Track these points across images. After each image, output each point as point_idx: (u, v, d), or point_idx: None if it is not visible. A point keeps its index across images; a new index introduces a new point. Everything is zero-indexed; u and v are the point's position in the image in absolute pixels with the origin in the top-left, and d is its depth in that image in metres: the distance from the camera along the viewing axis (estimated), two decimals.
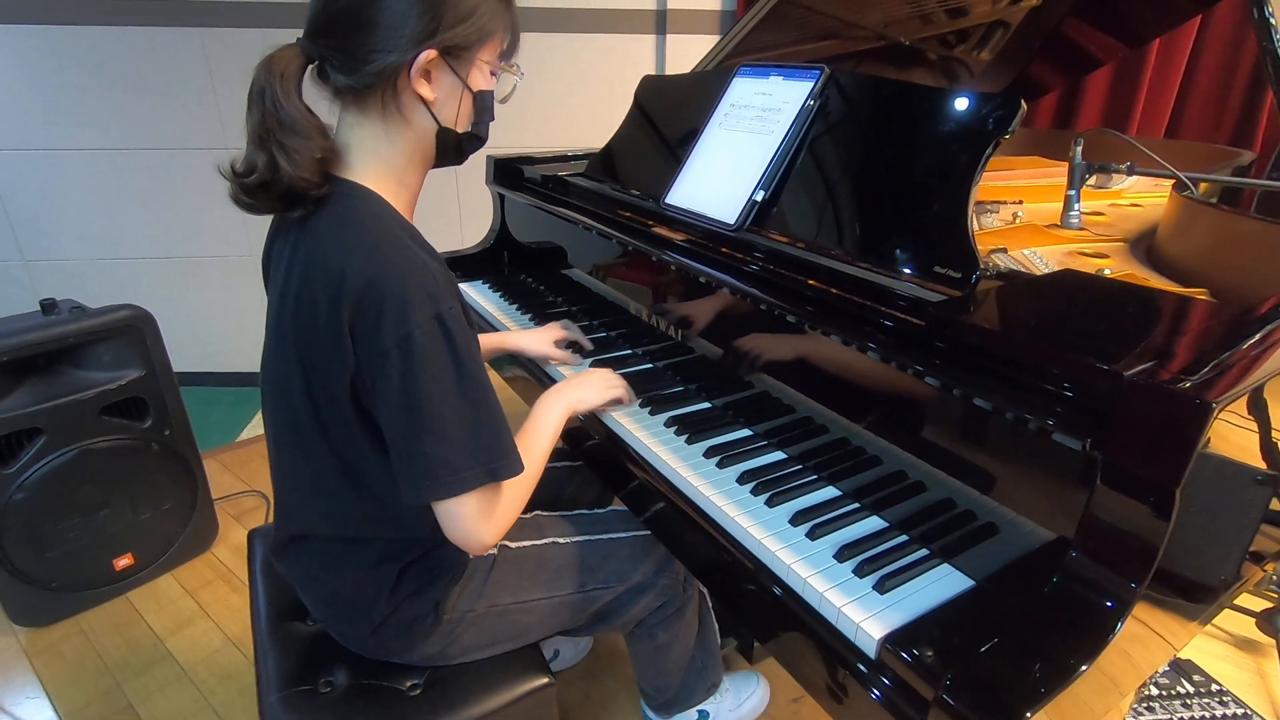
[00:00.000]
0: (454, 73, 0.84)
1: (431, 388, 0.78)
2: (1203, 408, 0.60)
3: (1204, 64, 2.34)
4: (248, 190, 0.80)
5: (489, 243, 1.85)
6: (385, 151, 0.86)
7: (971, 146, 0.92)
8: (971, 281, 0.85)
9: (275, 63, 0.79)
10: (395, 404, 0.79)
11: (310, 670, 1.01)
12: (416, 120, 0.85)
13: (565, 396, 1.09)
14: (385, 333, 0.77)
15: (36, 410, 1.54)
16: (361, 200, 0.83)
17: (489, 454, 0.83)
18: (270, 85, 0.78)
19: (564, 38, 2.54)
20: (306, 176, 0.79)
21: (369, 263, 0.78)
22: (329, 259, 0.79)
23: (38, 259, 2.61)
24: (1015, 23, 1.78)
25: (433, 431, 0.79)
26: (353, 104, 0.84)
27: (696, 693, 1.32)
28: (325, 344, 0.80)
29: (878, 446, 0.92)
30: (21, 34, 2.32)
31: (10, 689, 1.54)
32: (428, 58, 0.80)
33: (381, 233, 0.81)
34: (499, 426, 0.84)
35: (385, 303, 0.76)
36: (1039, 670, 0.62)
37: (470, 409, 0.81)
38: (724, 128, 1.25)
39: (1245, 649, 1.66)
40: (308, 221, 0.83)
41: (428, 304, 0.77)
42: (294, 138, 0.78)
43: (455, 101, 0.86)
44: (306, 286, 0.81)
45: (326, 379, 0.82)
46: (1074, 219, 1.30)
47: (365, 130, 0.85)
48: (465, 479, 0.81)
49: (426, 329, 0.77)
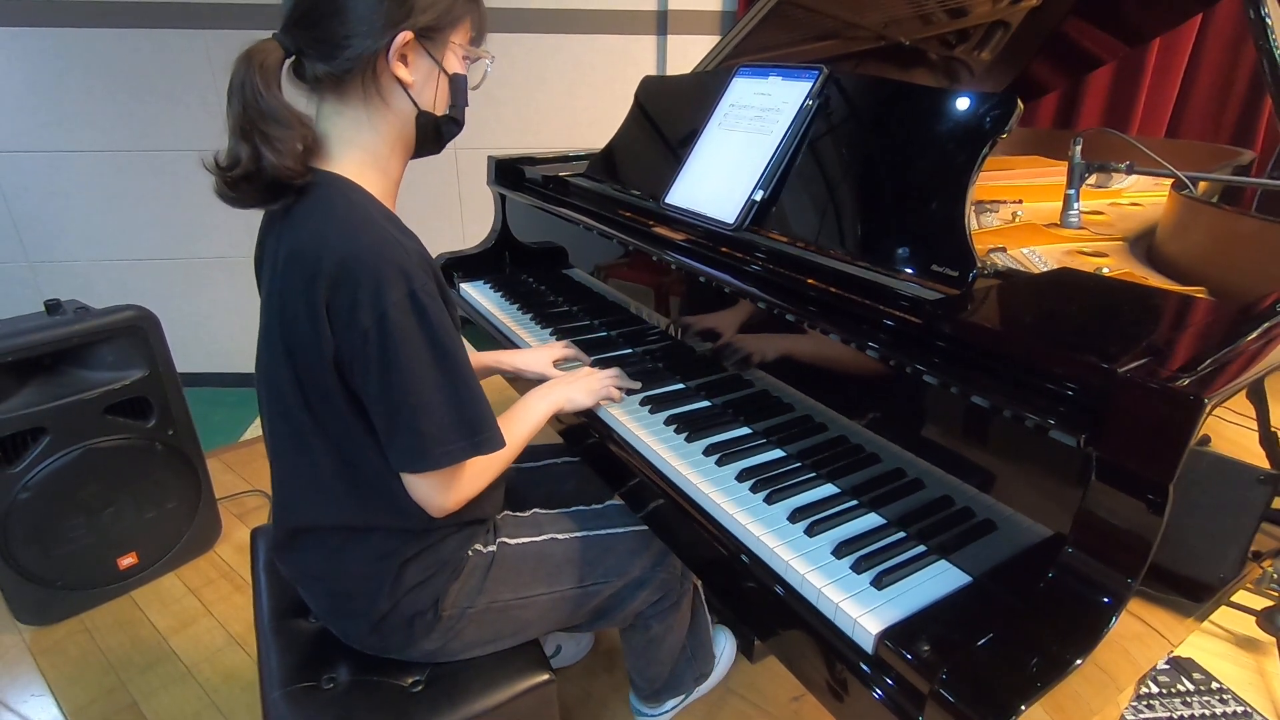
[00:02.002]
0: (429, 55, 0.87)
1: (409, 364, 0.80)
2: (1195, 404, 0.61)
3: (1204, 63, 2.34)
4: (231, 183, 0.81)
5: (490, 243, 1.85)
6: (367, 139, 0.88)
7: (969, 146, 0.92)
8: (969, 280, 0.86)
9: (254, 55, 0.80)
10: (376, 381, 0.81)
11: (313, 667, 1.01)
12: (396, 104, 0.87)
13: (555, 393, 1.11)
14: (362, 312, 0.78)
15: (41, 410, 1.55)
16: (339, 189, 0.85)
17: (471, 428, 0.85)
18: (250, 77, 0.79)
19: (565, 39, 2.54)
20: (290, 165, 0.80)
21: (342, 244, 0.79)
22: (306, 245, 0.81)
23: (42, 260, 2.63)
24: (1016, 23, 1.78)
25: (415, 408, 0.81)
26: (332, 93, 0.86)
27: (685, 681, 1.35)
28: (306, 328, 0.82)
29: (876, 444, 0.93)
30: (26, 37, 2.34)
31: (15, 687, 1.55)
32: (404, 39, 0.83)
33: (354, 214, 0.83)
34: (478, 401, 0.86)
35: (360, 282, 0.78)
36: (1034, 664, 0.63)
37: (449, 384, 0.83)
38: (723, 128, 1.26)
39: (1245, 647, 1.66)
40: (289, 212, 0.85)
41: (401, 281, 0.79)
42: (276, 127, 0.79)
43: (432, 84, 0.89)
44: (288, 276, 0.83)
45: (311, 365, 0.84)
46: (1073, 218, 1.30)
47: (346, 118, 0.87)
48: (451, 452, 0.84)
49: (401, 306, 0.79)
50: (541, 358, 1.32)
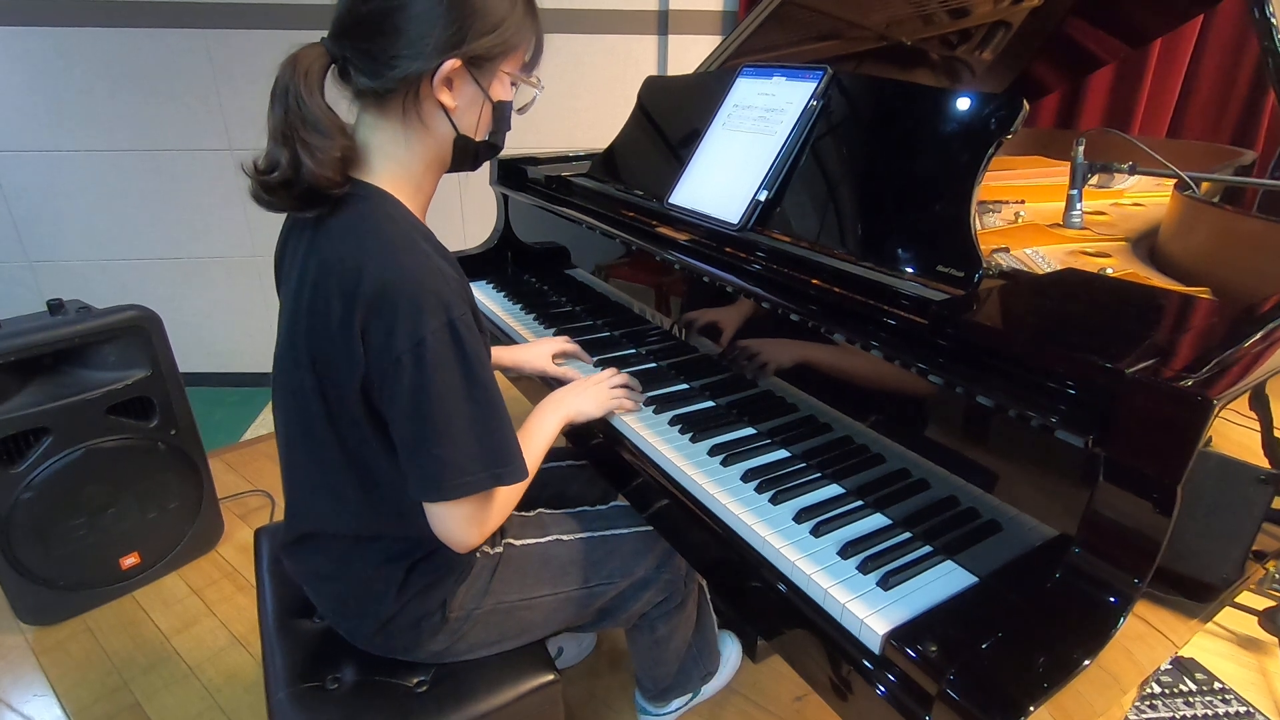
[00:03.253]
0: (476, 83, 0.85)
1: (442, 393, 0.79)
2: (1204, 405, 0.61)
3: (1206, 64, 2.34)
4: (268, 188, 0.80)
5: (493, 243, 1.85)
6: (403, 155, 0.87)
7: (974, 146, 0.92)
8: (974, 281, 0.86)
9: (300, 61, 0.79)
10: (405, 408, 0.79)
11: (318, 667, 1.01)
12: (436, 126, 0.86)
13: (565, 406, 1.10)
14: (399, 338, 0.77)
15: (43, 410, 1.55)
16: (378, 203, 0.84)
17: (495, 460, 0.83)
18: (294, 83, 0.78)
19: (566, 39, 2.54)
20: (329, 175, 0.79)
21: (384, 266, 0.78)
22: (345, 261, 0.80)
23: (44, 260, 2.62)
24: (1017, 23, 1.78)
25: (441, 436, 0.80)
26: (373, 106, 0.84)
27: (692, 680, 1.35)
28: (337, 345, 0.81)
29: (881, 445, 0.93)
30: (26, 36, 2.33)
31: (18, 687, 1.55)
32: (452, 67, 0.80)
33: (397, 236, 0.81)
34: (506, 433, 0.85)
35: (399, 308, 0.77)
36: (1041, 665, 0.63)
37: (479, 415, 0.82)
38: (727, 128, 1.26)
39: (1248, 647, 1.66)
40: (324, 222, 0.84)
41: (440, 310, 0.78)
42: (317, 135, 0.78)
43: (476, 110, 0.87)
44: (321, 287, 0.82)
45: (338, 380, 0.83)
46: (1076, 218, 1.30)
47: (384, 133, 0.85)
48: (470, 483, 0.82)
49: (439, 335, 0.78)
50: (541, 353, 1.32)
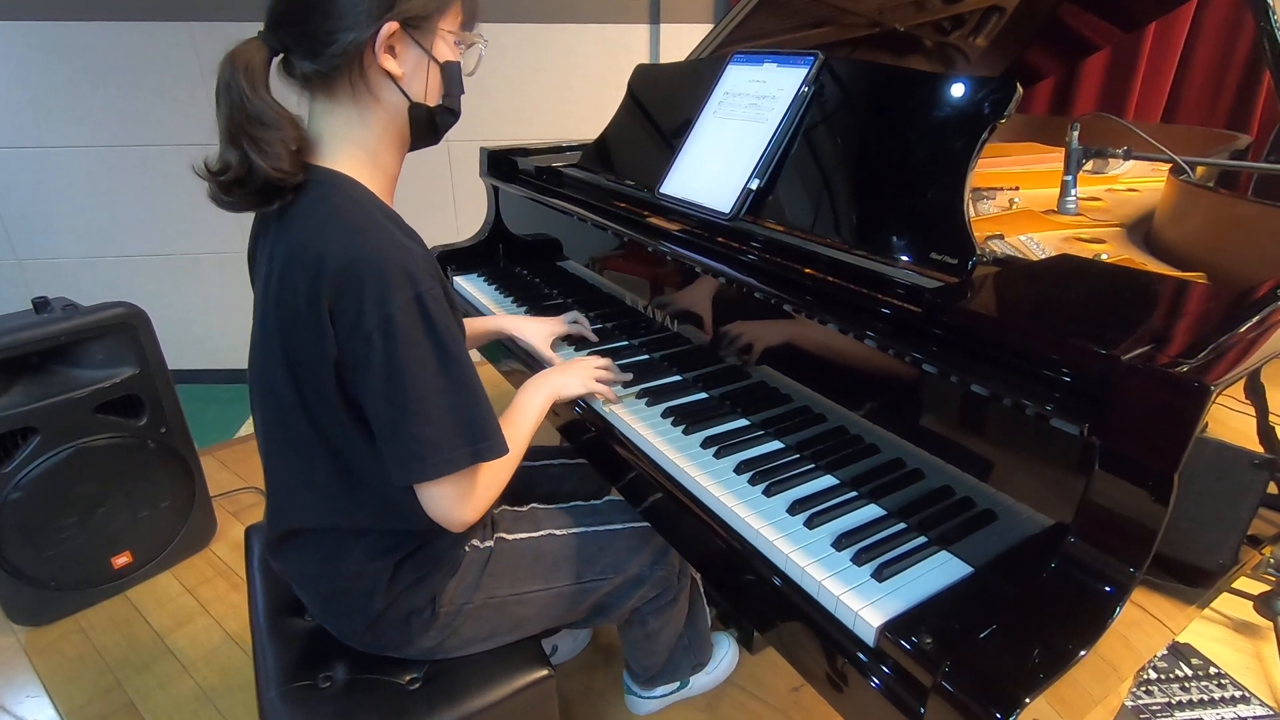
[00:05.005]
0: (417, 44, 0.84)
1: (414, 369, 0.78)
2: (1201, 391, 0.60)
3: (1200, 48, 2.33)
4: (225, 188, 0.80)
5: (483, 235, 1.84)
6: (359, 135, 0.86)
7: (967, 131, 0.91)
8: (968, 267, 0.85)
9: (239, 57, 0.78)
10: (378, 387, 0.79)
11: (309, 665, 1.00)
12: (387, 98, 0.85)
13: (549, 382, 1.11)
14: (367, 315, 0.77)
15: (31, 409, 1.53)
16: (337, 186, 0.83)
17: (473, 435, 0.83)
18: (235, 80, 0.77)
19: (558, 28, 2.52)
20: (282, 168, 0.78)
21: (347, 245, 0.78)
22: (308, 247, 0.79)
23: (30, 257, 2.60)
24: (1010, 8, 1.76)
25: (417, 413, 0.79)
26: (322, 90, 0.84)
27: (682, 669, 1.36)
28: (307, 331, 0.80)
29: (875, 435, 0.92)
30: (9, 31, 2.30)
31: (10, 688, 1.54)
32: (389, 30, 0.80)
33: (358, 215, 0.81)
34: (483, 408, 0.84)
35: (365, 285, 0.76)
36: (1038, 656, 0.62)
37: (453, 390, 0.81)
38: (718, 116, 1.24)
39: (1243, 632, 1.66)
40: (286, 212, 0.83)
41: (407, 285, 0.77)
42: (264, 130, 0.77)
43: (423, 74, 0.86)
44: (287, 277, 0.81)
45: (311, 368, 0.82)
46: (1071, 204, 1.28)
47: (338, 116, 0.84)
48: (450, 460, 0.82)
49: (407, 310, 0.77)
50: (540, 330, 1.34)
